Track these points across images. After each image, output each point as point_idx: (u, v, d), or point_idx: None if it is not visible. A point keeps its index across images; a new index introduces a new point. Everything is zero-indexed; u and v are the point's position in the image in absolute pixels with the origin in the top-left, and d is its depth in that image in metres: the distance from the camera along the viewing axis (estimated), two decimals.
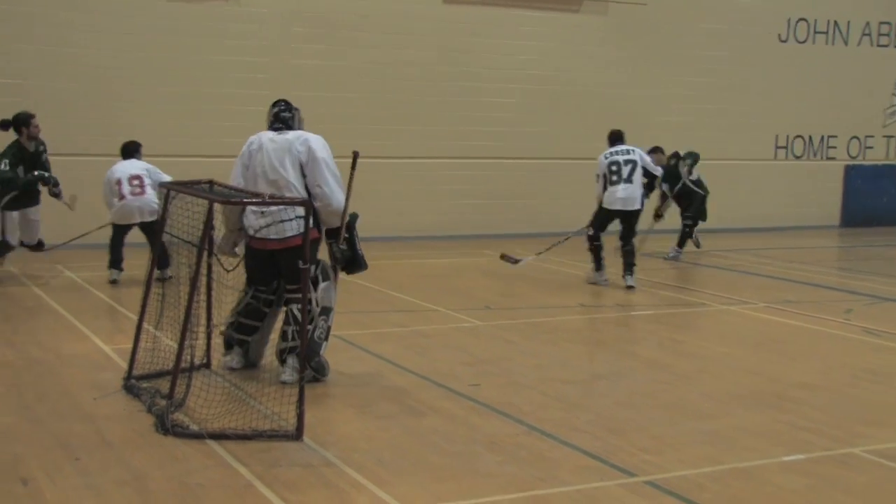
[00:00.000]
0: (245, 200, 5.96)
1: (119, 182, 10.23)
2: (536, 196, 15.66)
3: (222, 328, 6.84)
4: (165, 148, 13.20)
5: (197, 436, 5.40)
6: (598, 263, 11.01)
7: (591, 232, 11.06)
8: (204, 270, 6.18)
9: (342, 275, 6.74)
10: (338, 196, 6.45)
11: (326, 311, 6.52)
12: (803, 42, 17.47)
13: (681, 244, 13.40)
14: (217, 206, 6.01)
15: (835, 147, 18.05)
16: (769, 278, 11.88)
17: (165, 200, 6.45)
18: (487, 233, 15.11)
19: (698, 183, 13.59)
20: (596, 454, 5.33)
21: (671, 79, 16.43)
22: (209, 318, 6.66)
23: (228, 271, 6.57)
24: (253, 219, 6.45)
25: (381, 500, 4.63)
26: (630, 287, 10.68)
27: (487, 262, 12.73)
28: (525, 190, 15.63)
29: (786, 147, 17.64)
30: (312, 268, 6.36)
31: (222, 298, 6.70)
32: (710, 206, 16.92)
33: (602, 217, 11.02)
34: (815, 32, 17.58)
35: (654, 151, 12.85)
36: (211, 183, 6.51)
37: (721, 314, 9.69)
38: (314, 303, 6.40)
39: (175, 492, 4.67)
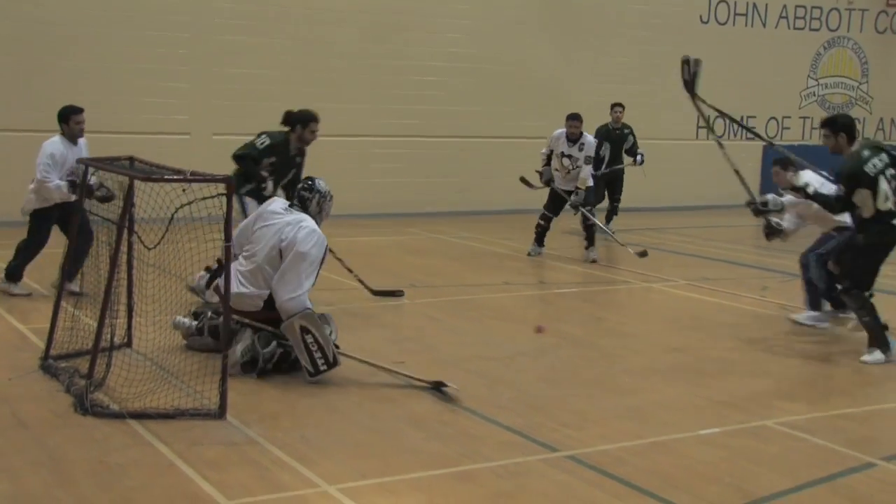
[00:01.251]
0: (166, 177, 5.85)
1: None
2: (465, 174, 15.69)
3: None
4: (88, 125, 12.90)
5: (117, 415, 5.32)
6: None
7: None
8: (124, 249, 6.07)
9: None
10: (280, 294, 6.09)
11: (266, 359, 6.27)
12: (724, 24, 17.78)
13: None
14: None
15: (754, 127, 18.43)
16: (689, 256, 12.13)
17: (84, 176, 6.30)
18: (415, 211, 15.10)
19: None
20: (518, 430, 5.40)
21: (597, 58, 16.58)
22: (130, 297, 6.55)
23: (150, 249, 6.45)
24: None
25: (305, 478, 4.63)
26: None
27: (414, 240, 12.74)
28: (454, 168, 15.64)
29: (707, 127, 17.96)
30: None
31: (143, 277, 6.59)
32: (636, 185, 17.21)
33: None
34: (735, 14, 17.90)
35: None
36: (131, 159, 6.38)
37: (643, 292, 9.87)
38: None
39: (93, 472, 4.60)
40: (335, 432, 5.29)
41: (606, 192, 13.79)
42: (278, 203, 6.60)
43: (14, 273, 8.39)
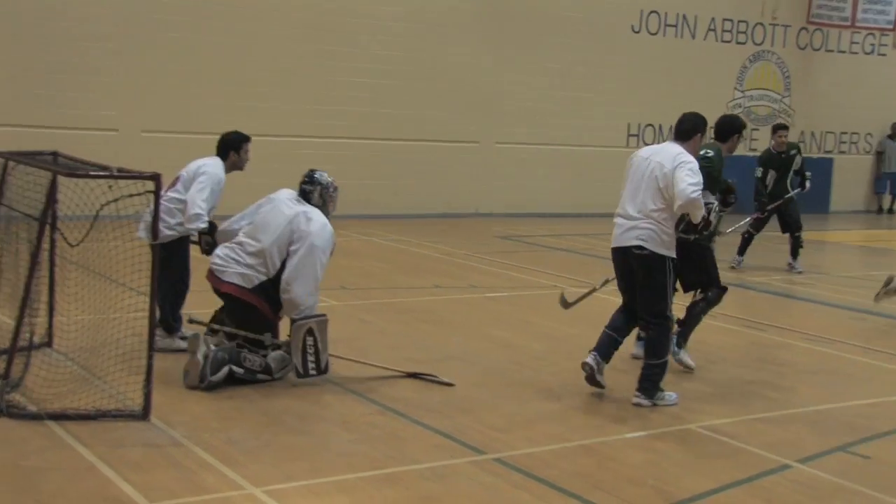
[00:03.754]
0: (91, 173, 5.73)
1: None
2: (397, 177, 15.68)
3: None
4: (8, 118, 12.60)
5: (35, 417, 5.19)
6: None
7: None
8: (46, 246, 5.93)
9: None
10: (298, 290, 6.04)
11: (268, 371, 6.14)
12: (654, 34, 18.08)
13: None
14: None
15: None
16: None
17: (3, 171, 6.13)
18: (347, 213, 14.95)
19: None
20: (447, 433, 5.41)
21: (529, 65, 16.71)
22: (51, 295, 6.40)
23: (73, 246, 6.30)
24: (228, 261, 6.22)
25: (230, 480, 4.57)
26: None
27: (345, 242, 12.66)
28: (386, 171, 15.62)
29: (637, 135, 18.24)
30: (268, 335, 6.21)
31: (66, 275, 6.44)
32: (564, 192, 17.39)
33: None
34: (666, 25, 18.22)
35: None
36: (55, 154, 6.23)
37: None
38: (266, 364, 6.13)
39: (8, 476, 4.49)
40: (262, 434, 5.24)
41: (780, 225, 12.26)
42: (286, 192, 6.50)
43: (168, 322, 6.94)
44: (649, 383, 6.11)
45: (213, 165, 7.09)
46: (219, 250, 6.37)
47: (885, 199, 21.19)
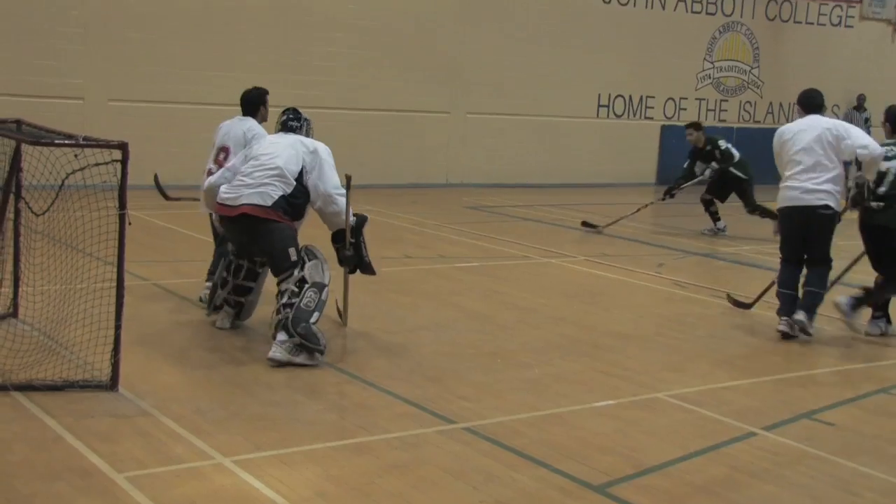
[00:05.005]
0: (56, 142, 5.64)
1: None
2: (367, 147, 15.58)
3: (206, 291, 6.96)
4: None
5: (0, 388, 5.14)
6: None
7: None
8: (11, 215, 5.86)
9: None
10: (339, 199, 6.45)
11: (318, 286, 6.16)
12: (625, 4, 18.05)
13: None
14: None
15: (653, 108, 18.83)
16: (589, 233, 12.33)
17: None
18: None
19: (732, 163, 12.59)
20: (416, 402, 5.43)
21: (500, 35, 16.65)
22: (16, 265, 6.32)
23: (38, 215, 6.22)
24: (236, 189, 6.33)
25: (199, 450, 4.56)
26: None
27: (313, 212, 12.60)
28: (357, 141, 15.50)
29: (607, 106, 18.26)
30: (293, 251, 6.22)
31: (31, 245, 6.36)
32: (534, 162, 17.40)
33: None
34: None
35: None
36: (18, 122, 6.13)
37: (541, 266, 10.00)
38: (304, 280, 6.13)
39: None
40: (231, 404, 5.23)
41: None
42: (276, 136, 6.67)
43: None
44: (815, 308, 7.31)
45: (257, 126, 7.38)
46: (223, 188, 6.40)
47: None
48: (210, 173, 6.90)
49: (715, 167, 12.48)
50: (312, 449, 4.68)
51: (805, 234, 7.32)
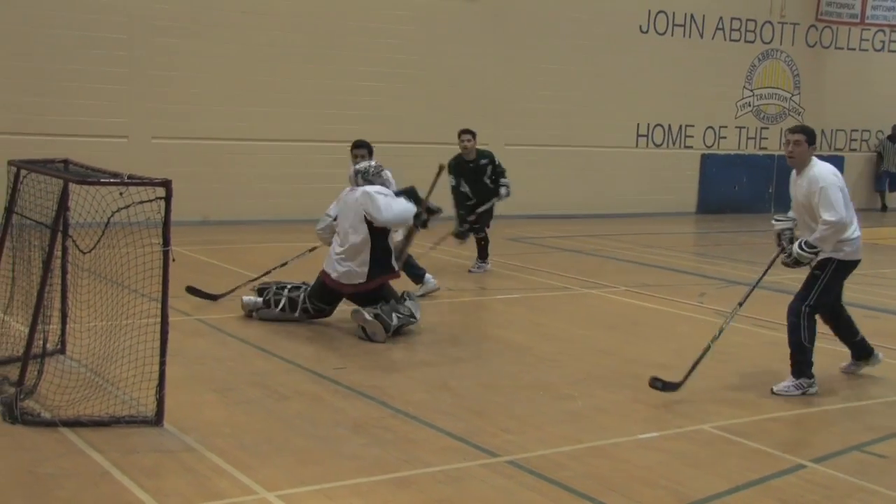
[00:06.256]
0: (102, 181, 5.75)
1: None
2: (405, 181, 15.58)
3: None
4: (20, 127, 12.67)
5: (49, 423, 5.21)
6: None
7: None
8: (58, 253, 5.95)
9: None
10: (384, 214, 7.76)
11: (412, 315, 7.77)
12: (663, 34, 18.06)
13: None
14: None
15: (692, 136, 18.76)
16: (629, 263, 12.27)
17: (16, 179, 6.16)
18: None
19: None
20: (459, 435, 5.41)
21: (537, 66, 16.71)
22: (64, 302, 6.42)
23: (84, 253, 6.33)
24: (333, 263, 7.88)
25: (243, 485, 4.58)
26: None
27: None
28: (394, 175, 15.56)
29: (646, 135, 18.22)
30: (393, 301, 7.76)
31: (78, 282, 6.46)
32: (576, 191, 17.31)
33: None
34: (674, 25, 18.20)
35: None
36: (66, 162, 6.26)
37: (582, 297, 9.95)
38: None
39: (23, 482, 4.50)
40: (274, 439, 5.25)
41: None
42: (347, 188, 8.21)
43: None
44: None
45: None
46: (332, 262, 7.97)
47: (888, 196, 21.08)
48: None
49: (506, 184, 10.82)
50: (356, 483, 4.68)
51: None
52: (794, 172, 6.80)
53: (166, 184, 5.41)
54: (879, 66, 20.74)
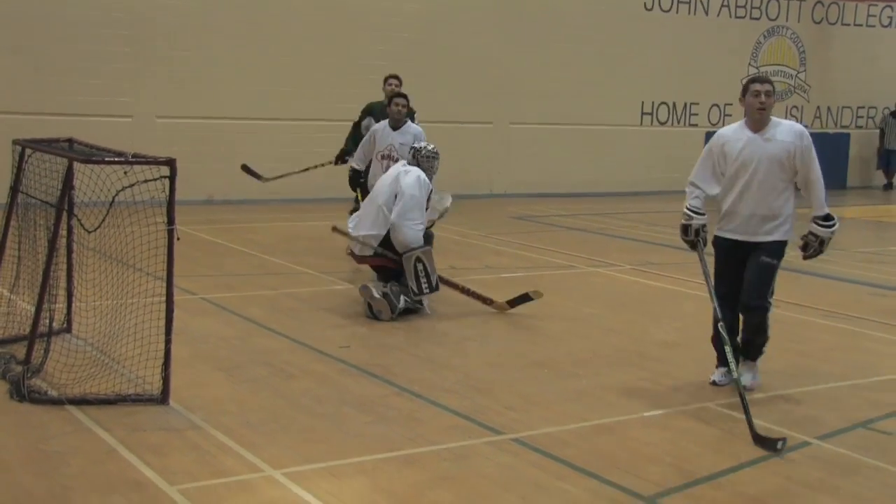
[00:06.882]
0: (106, 160, 5.74)
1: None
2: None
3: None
4: (24, 106, 12.66)
5: (56, 402, 5.23)
6: None
7: None
8: (64, 232, 5.95)
9: None
10: (405, 231, 7.65)
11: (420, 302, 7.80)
12: (668, 11, 17.95)
13: None
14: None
15: (697, 114, 18.69)
16: (634, 241, 12.26)
17: (20, 158, 6.16)
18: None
19: None
20: (464, 413, 5.42)
21: (541, 44, 16.63)
22: (70, 281, 6.43)
23: (89, 232, 6.32)
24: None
25: (249, 462, 4.60)
26: None
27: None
28: None
29: (651, 113, 18.15)
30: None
31: (84, 261, 6.47)
32: (580, 170, 17.26)
33: None
34: (679, 2, 18.09)
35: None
36: (70, 141, 6.25)
37: (588, 276, 9.95)
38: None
39: (30, 459, 4.53)
40: (280, 417, 5.26)
41: None
42: (401, 162, 8.19)
43: None
44: None
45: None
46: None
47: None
48: None
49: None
50: (361, 461, 4.69)
51: None
52: (736, 130, 5.88)
53: (170, 162, 5.40)
54: (886, 43, 20.61)
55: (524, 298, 8.00)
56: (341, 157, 10.76)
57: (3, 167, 6.78)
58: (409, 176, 7.78)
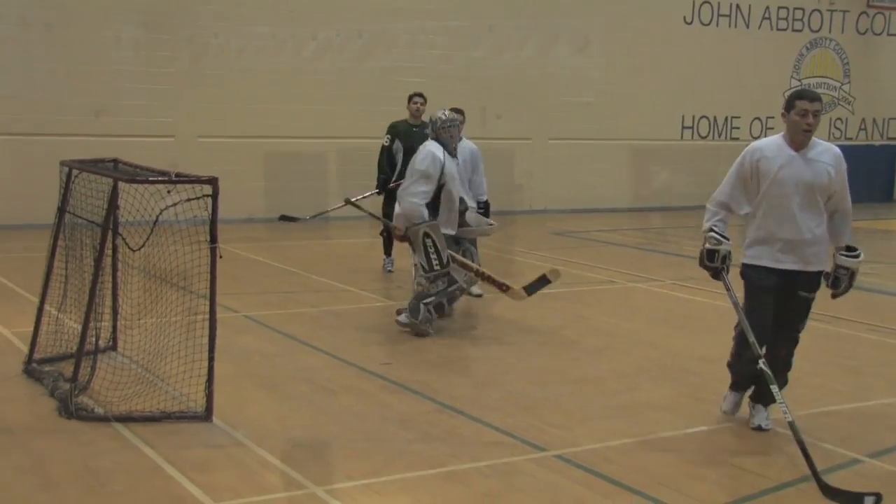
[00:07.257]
0: (150, 179, 5.82)
1: None
2: None
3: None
4: (71, 128, 12.88)
5: (102, 419, 5.29)
6: None
7: None
8: (109, 251, 6.04)
9: None
10: (402, 193, 7.55)
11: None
12: (707, 24, 17.85)
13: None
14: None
15: (738, 128, 18.53)
16: (675, 256, 12.16)
17: (67, 179, 6.26)
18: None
19: None
20: (506, 430, 5.39)
21: (583, 60, 16.61)
22: (115, 300, 6.51)
23: (134, 251, 6.41)
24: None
25: (292, 479, 4.61)
26: None
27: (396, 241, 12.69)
28: None
29: (692, 127, 18.03)
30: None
31: (129, 279, 6.56)
32: (618, 187, 17.17)
33: None
34: (719, 15, 17.98)
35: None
36: (115, 161, 6.34)
37: (628, 291, 9.88)
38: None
39: (78, 476, 4.57)
40: (322, 434, 5.28)
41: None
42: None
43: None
44: None
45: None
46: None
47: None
48: None
49: None
50: (404, 478, 4.69)
51: None
52: (774, 146, 5.39)
53: (213, 181, 5.46)
54: None
55: (542, 282, 7.74)
56: (385, 184, 10.29)
57: (51, 188, 6.93)
58: (423, 150, 7.67)
